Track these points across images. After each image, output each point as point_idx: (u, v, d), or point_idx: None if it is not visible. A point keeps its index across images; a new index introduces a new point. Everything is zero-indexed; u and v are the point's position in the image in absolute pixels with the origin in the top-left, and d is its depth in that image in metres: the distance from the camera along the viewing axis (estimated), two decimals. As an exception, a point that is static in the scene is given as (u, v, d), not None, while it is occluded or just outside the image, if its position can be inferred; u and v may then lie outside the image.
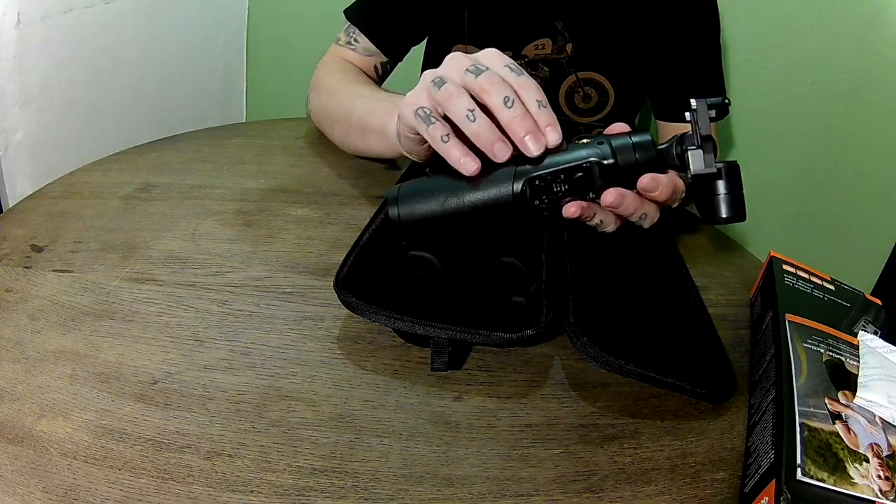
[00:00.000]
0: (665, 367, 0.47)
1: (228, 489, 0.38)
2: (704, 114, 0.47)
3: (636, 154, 0.47)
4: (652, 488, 0.41)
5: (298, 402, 0.44)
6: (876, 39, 1.36)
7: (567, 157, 0.47)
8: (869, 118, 1.43)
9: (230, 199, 0.68)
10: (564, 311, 0.51)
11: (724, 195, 0.48)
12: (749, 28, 1.36)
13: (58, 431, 0.40)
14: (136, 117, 1.30)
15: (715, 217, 0.49)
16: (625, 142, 0.48)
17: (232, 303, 0.53)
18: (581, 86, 0.90)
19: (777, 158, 1.51)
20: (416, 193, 0.49)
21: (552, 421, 0.45)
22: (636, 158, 0.47)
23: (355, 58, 0.87)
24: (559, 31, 0.87)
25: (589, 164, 0.46)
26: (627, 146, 0.47)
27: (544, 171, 0.47)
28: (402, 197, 0.49)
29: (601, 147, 0.47)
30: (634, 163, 0.47)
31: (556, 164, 0.47)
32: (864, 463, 0.38)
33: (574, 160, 0.47)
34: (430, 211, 0.49)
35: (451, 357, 0.48)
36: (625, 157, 0.47)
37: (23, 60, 1.01)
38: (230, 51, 1.54)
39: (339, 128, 0.78)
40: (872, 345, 0.48)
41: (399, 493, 0.39)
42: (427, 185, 0.50)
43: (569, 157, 0.47)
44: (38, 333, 0.48)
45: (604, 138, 0.48)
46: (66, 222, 0.61)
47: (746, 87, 1.41)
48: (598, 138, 0.48)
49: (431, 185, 0.50)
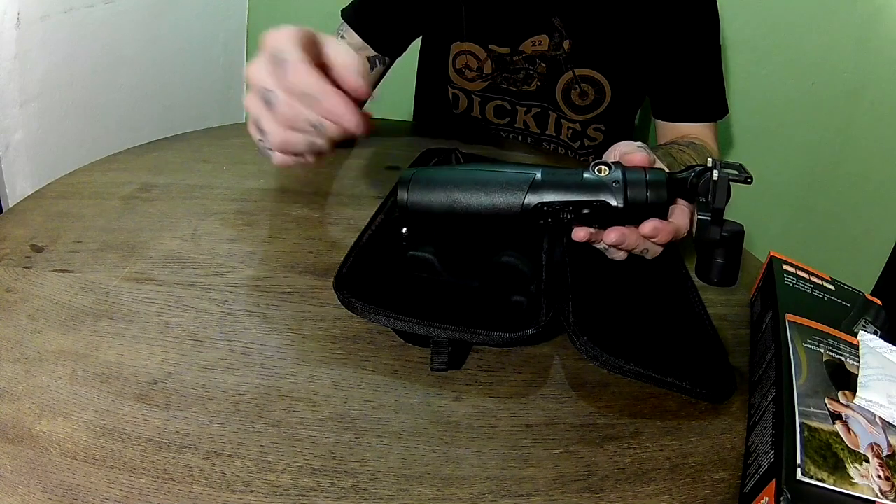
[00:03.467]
0: (665, 366, 0.47)
1: (228, 489, 0.38)
2: (724, 187, 0.47)
3: (647, 193, 0.48)
4: (652, 488, 0.41)
5: (298, 402, 0.44)
6: (876, 39, 1.36)
7: (580, 186, 0.48)
8: (869, 118, 1.43)
9: (230, 199, 0.68)
10: (564, 311, 0.51)
11: (719, 262, 0.50)
12: (749, 28, 1.36)
13: (58, 431, 0.40)
14: (136, 117, 1.30)
15: (706, 277, 0.51)
16: (639, 178, 0.48)
17: (232, 303, 0.53)
18: (578, 82, 0.90)
19: (777, 158, 1.51)
20: (428, 183, 0.50)
21: (552, 421, 0.45)
22: (646, 197, 0.48)
23: None
24: (556, 28, 0.87)
25: (599, 204, 0.47)
26: (641, 183, 0.48)
27: (555, 198, 0.48)
28: (413, 183, 0.49)
29: (615, 186, 0.48)
30: (644, 202, 0.48)
31: (568, 191, 0.48)
32: (864, 463, 0.38)
33: (585, 194, 0.48)
34: (438, 204, 0.49)
35: (451, 357, 0.48)
36: (635, 195, 0.47)
37: (23, 60, 1.01)
38: (230, 51, 1.54)
39: None
40: (872, 345, 0.48)
41: (399, 493, 0.39)
42: (441, 177, 0.50)
43: (581, 186, 0.48)
44: (38, 333, 0.48)
45: (619, 172, 0.48)
46: (66, 222, 0.61)
47: (746, 87, 1.41)
48: (616, 173, 0.48)
49: (445, 178, 0.50)
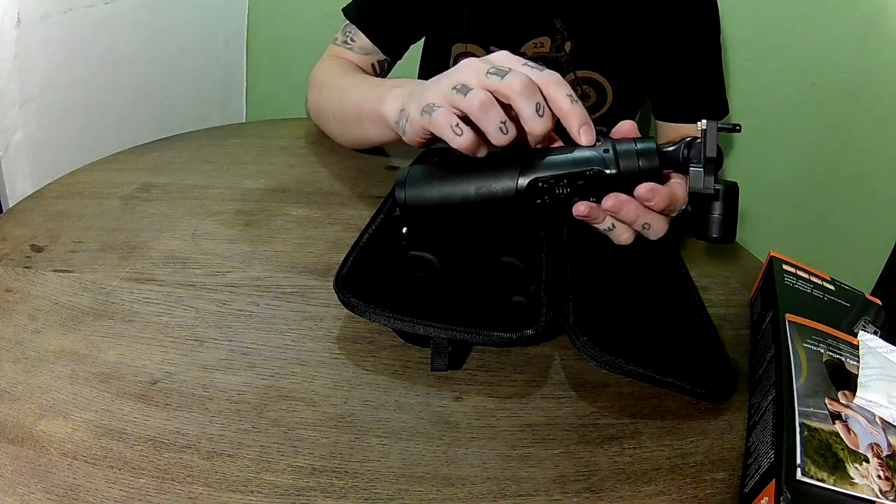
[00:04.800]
0: (665, 366, 0.47)
1: (228, 489, 0.38)
2: (713, 136, 0.47)
3: (639, 161, 0.48)
4: (652, 488, 0.41)
5: (298, 402, 0.44)
6: (876, 39, 1.36)
7: (571, 160, 0.48)
8: (869, 118, 1.43)
9: (230, 199, 0.68)
10: (564, 311, 0.51)
11: (717, 216, 0.50)
12: (749, 28, 1.36)
13: (58, 431, 0.40)
14: (136, 117, 1.30)
15: (705, 234, 0.50)
16: (629, 148, 0.48)
17: (232, 303, 0.53)
18: (579, 84, 0.90)
19: (777, 158, 1.51)
20: (423, 179, 0.50)
21: (552, 421, 0.45)
22: (639, 166, 0.48)
23: (353, 57, 0.87)
24: (558, 30, 0.87)
25: (592, 172, 0.47)
26: (632, 153, 0.48)
27: (548, 173, 0.47)
28: (409, 181, 0.50)
29: (606, 154, 0.48)
30: (637, 171, 0.48)
31: (560, 167, 0.48)
32: (864, 463, 0.38)
33: (578, 166, 0.48)
34: (435, 198, 0.50)
35: (451, 357, 0.48)
36: (627, 165, 0.47)
37: (23, 60, 1.01)
38: (230, 51, 1.54)
39: (335, 120, 0.78)
40: (872, 345, 0.48)
41: (399, 493, 0.39)
42: (435, 172, 0.51)
43: (573, 160, 0.48)
44: (38, 333, 0.48)
45: (609, 143, 0.48)
46: (66, 222, 0.61)
47: (746, 87, 1.41)
48: (604, 143, 0.48)
49: (439, 172, 0.51)
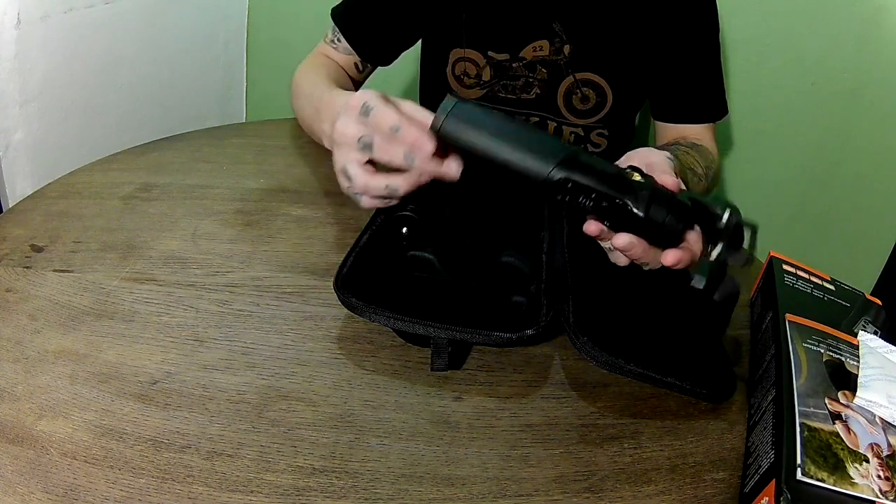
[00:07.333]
0: (665, 366, 0.47)
1: (228, 489, 0.38)
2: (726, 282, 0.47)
3: (667, 217, 0.47)
4: (652, 488, 0.41)
5: (298, 402, 0.44)
6: (876, 39, 1.36)
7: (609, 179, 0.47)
8: (869, 118, 1.43)
9: (230, 199, 0.68)
10: (564, 311, 0.50)
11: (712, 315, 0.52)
12: (749, 28, 1.36)
13: (58, 431, 0.40)
14: (136, 117, 1.30)
15: None
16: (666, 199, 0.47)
17: (232, 303, 0.53)
18: (579, 87, 0.90)
19: (777, 158, 1.51)
20: (467, 120, 0.49)
21: (552, 421, 0.45)
22: (664, 220, 0.47)
23: (337, 55, 0.89)
24: (557, 33, 0.87)
25: (621, 203, 0.47)
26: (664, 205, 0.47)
27: (583, 180, 0.47)
28: (453, 113, 0.49)
29: (642, 194, 0.47)
30: (661, 223, 0.47)
31: (597, 180, 0.47)
32: (864, 463, 0.38)
33: (612, 188, 0.47)
34: (468, 141, 0.49)
35: (451, 357, 0.48)
36: (656, 213, 0.47)
37: (23, 60, 1.00)
38: (230, 51, 1.54)
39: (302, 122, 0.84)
40: (872, 345, 0.48)
41: (399, 493, 0.39)
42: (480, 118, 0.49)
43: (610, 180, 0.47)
44: (38, 333, 0.48)
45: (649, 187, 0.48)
46: (66, 222, 0.61)
47: (746, 87, 1.41)
48: (646, 182, 0.48)
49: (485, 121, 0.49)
